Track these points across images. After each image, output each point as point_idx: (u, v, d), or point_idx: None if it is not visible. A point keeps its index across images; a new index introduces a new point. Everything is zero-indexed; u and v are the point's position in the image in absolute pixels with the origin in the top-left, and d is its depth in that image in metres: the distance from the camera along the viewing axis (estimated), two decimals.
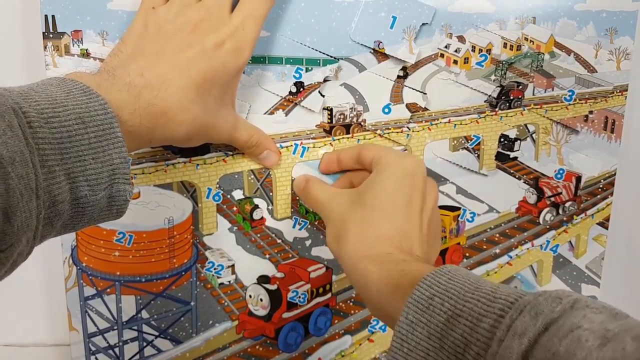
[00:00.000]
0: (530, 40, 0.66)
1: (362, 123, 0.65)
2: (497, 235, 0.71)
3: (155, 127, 0.49)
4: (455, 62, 0.65)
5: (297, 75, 0.63)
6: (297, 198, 0.66)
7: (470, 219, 0.70)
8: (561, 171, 0.70)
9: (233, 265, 0.66)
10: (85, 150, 0.42)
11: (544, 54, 0.67)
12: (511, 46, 0.66)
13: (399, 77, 0.65)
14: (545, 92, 0.68)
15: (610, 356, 0.32)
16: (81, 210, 0.44)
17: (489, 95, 0.67)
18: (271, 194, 0.66)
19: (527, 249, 0.72)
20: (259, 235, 0.66)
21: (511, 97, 0.68)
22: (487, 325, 0.39)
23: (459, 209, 0.70)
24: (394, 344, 0.42)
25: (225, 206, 0.65)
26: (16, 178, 0.37)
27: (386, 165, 0.56)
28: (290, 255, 0.67)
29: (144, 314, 0.65)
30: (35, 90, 0.43)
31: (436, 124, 0.67)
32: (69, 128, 0.42)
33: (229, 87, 0.56)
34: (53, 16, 0.58)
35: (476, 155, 0.69)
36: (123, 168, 0.45)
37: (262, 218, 0.66)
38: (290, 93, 0.63)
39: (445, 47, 0.65)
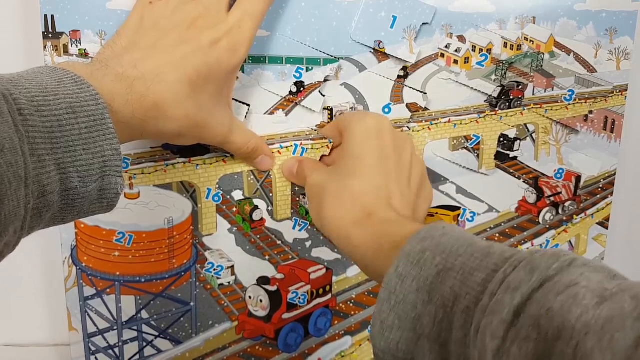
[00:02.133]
0: (530, 40, 0.66)
1: None
2: (497, 234, 0.71)
3: (147, 119, 0.49)
4: (456, 62, 0.65)
5: (298, 75, 0.63)
6: (297, 199, 0.65)
7: (470, 219, 0.70)
8: (561, 171, 0.70)
9: (233, 266, 0.66)
10: (76, 140, 0.42)
11: (543, 53, 0.67)
12: (511, 46, 0.66)
13: (399, 77, 0.65)
14: (545, 91, 0.68)
15: (607, 314, 0.31)
16: (71, 202, 0.43)
17: (489, 95, 0.67)
18: (271, 195, 0.65)
19: (527, 248, 0.72)
20: (258, 236, 0.66)
21: (511, 97, 0.68)
22: (479, 279, 0.38)
23: (458, 208, 0.70)
24: (381, 295, 0.42)
25: (225, 207, 0.65)
26: (5, 165, 0.37)
27: (351, 129, 0.57)
28: (290, 257, 0.67)
29: (144, 314, 0.65)
30: (26, 77, 0.42)
31: (436, 123, 0.67)
32: (60, 117, 0.41)
33: (224, 86, 0.56)
34: (52, 16, 0.58)
35: (476, 154, 0.69)
36: (115, 160, 0.44)
37: (262, 219, 0.66)
38: (291, 93, 0.63)
39: (446, 46, 0.65)
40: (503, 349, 0.34)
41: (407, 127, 0.66)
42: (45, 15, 0.58)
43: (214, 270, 0.65)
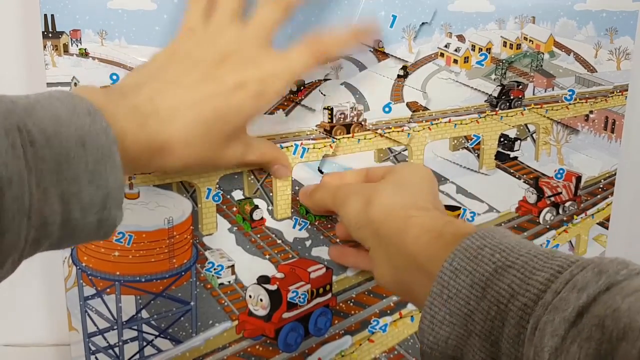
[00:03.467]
0: (530, 40, 0.66)
1: (362, 122, 0.65)
2: None
3: (153, 157, 0.48)
4: (455, 61, 0.65)
5: None
6: (298, 199, 0.65)
7: (471, 219, 0.70)
8: (561, 171, 0.70)
9: (233, 266, 0.66)
10: (82, 172, 0.41)
11: (543, 53, 0.67)
12: (511, 45, 0.66)
13: (399, 76, 0.65)
14: (545, 91, 0.68)
15: None
16: (70, 232, 0.42)
17: (490, 95, 0.67)
18: (271, 194, 0.65)
19: None
20: (259, 235, 0.66)
21: (511, 97, 0.68)
22: (542, 279, 0.37)
23: (459, 208, 0.70)
24: (433, 289, 0.41)
25: (225, 206, 0.65)
26: (10, 199, 0.36)
27: (406, 167, 0.58)
28: (290, 256, 0.67)
29: (144, 314, 0.65)
30: (42, 104, 0.42)
31: (436, 123, 0.67)
32: (69, 149, 0.40)
33: (242, 127, 0.55)
34: (52, 15, 0.58)
35: (476, 154, 0.69)
36: (118, 194, 0.44)
37: (262, 218, 0.66)
38: (291, 92, 0.63)
39: (445, 46, 0.65)
40: (562, 348, 0.33)
41: (408, 127, 0.66)
42: (45, 15, 0.58)
43: (214, 269, 0.65)
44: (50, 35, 0.58)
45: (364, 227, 0.53)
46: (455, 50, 0.65)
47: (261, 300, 0.66)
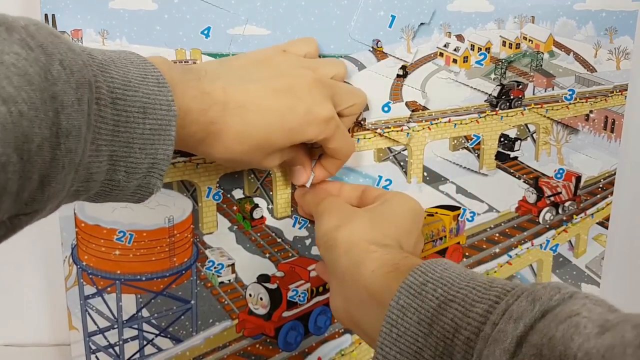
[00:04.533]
0: (529, 40, 0.66)
1: (362, 122, 0.65)
2: (497, 234, 0.71)
3: (203, 142, 0.49)
4: (455, 61, 0.66)
5: None
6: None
7: (470, 219, 0.70)
8: (561, 171, 0.71)
9: (233, 264, 0.66)
10: (137, 138, 0.42)
11: (543, 53, 0.67)
12: (510, 44, 0.66)
13: (398, 75, 0.65)
14: (545, 91, 0.68)
15: (608, 343, 0.31)
16: (109, 190, 0.43)
17: (489, 95, 0.67)
18: (271, 193, 0.66)
19: (527, 248, 0.72)
20: (259, 234, 0.67)
21: (511, 97, 0.68)
22: (481, 310, 0.38)
23: (458, 208, 0.70)
24: (383, 329, 0.42)
25: (225, 205, 0.65)
26: (65, 150, 0.37)
27: (396, 198, 0.58)
28: (290, 254, 0.67)
29: (144, 313, 0.65)
30: (116, 64, 0.42)
31: (436, 123, 0.67)
32: (130, 114, 0.41)
33: (286, 147, 0.55)
34: (53, 15, 0.58)
35: (476, 154, 0.69)
36: (163, 164, 0.45)
37: (262, 217, 0.66)
38: None
39: (445, 46, 0.65)
40: None
41: (407, 127, 0.66)
42: (46, 15, 0.58)
43: (215, 268, 0.66)
44: None
45: (329, 250, 0.53)
46: (455, 49, 0.65)
47: (261, 299, 0.66)
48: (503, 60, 0.67)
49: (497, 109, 0.68)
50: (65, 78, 0.36)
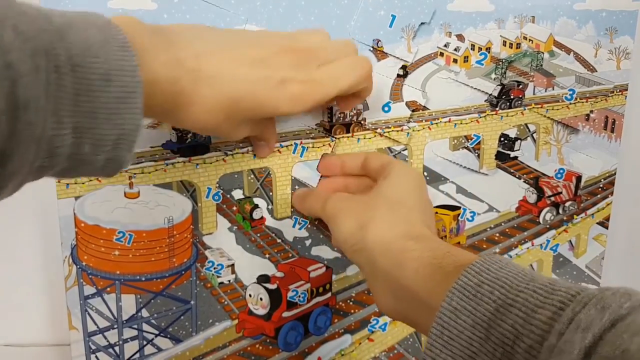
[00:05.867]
0: (530, 40, 0.66)
1: (362, 122, 0.65)
2: (497, 234, 0.71)
3: (173, 111, 0.47)
4: (455, 60, 0.65)
5: None
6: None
7: (471, 218, 0.70)
8: (561, 171, 0.71)
9: (233, 265, 0.66)
10: (101, 108, 0.40)
11: (543, 53, 0.67)
12: (510, 44, 0.66)
13: (398, 75, 0.65)
14: (545, 91, 0.68)
15: None
16: (75, 165, 0.41)
17: (490, 95, 0.67)
18: (271, 193, 0.66)
19: (527, 248, 0.72)
20: (258, 234, 0.66)
21: (512, 97, 0.68)
22: (544, 317, 0.36)
23: (459, 208, 0.70)
24: (433, 330, 0.40)
25: (225, 206, 0.65)
26: (24, 123, 0.35)
27: (399, 170, 0.56)
28: (290, 255, 0.67)
29: (144, 313, 0.65)
30: (76, 27, 0.39)
31: (436, 123, 0.67)
32: (92, 82, 0.39)
33: (262, 119, 0.54)
34: None
35: (476, 154, 0.69)
36: (132, 135, 0.42)
37: (262, 217, 0.66)
38: None
39: (445, 45, 0.65)
40: None
41: (407, 127, 0.66)
42: None
43: (214, 268, 0.66)
44: None
45: (359, 252, 0.52)
46: (455, 49, 0.65)
47: (261, 299, 0.66)
48: (503, 60, 0.66)
49: (497, 108, 0.67)
50: (19, 45, 0.34)
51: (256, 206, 0.66)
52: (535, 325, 0.36)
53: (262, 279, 0.66)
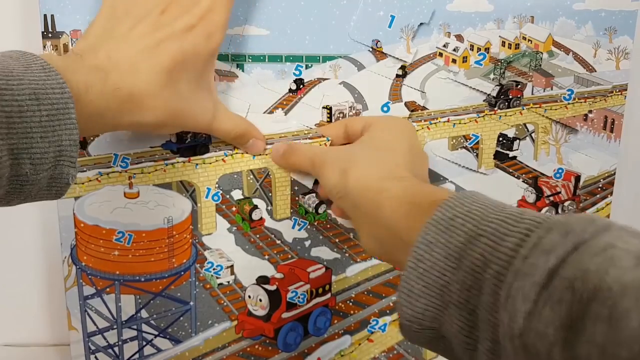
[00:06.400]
0: (529, 40, 0.66)
1: None
2: None
3: (122, 111, 0.48)
4: (454, 61, 0.65)
5: (297, 73, 0.63)
6: (297, 199, 0.66)
7: None
8: (560, 170, 0.71)
9: (232, 266, 0.66)
10: (35, 127, 0.41)
11: (542, 53, 0.67)
12: (509, 45, 0.66)
13: (397, 76, 0.65)
14: (544, 91, 0.68)
15: None
16: (19, 187, 0.42)
17: (488, 95, 0.67)
18: (270, 194, 0.66)
19: None
20: (258, 235, 0.66)
21: (510, 97, 0.68)
22: (511, 244, 0.37)
23: None
24: (409, 264, 0.41)
25: (224, 206, 0.65)
26: None
27: (381, 122, 0.58)
28: (290, 256, 0.67)
29: (144, 314, 0.65)
30: None
31: (435, 123, 0.67)
32: (21, 103, 0.40)
33: (203, 73, 0.55)
34: (52, 15, 0.58)
35: (475, 154, 0.69)
36: (71, 151, 0.43)
37: (261, 218, 0.66)
38: (290, 91, 0.63)
39: (444, 46, 0.65)
40: (535, 312, 0.33)
41: None
42: (45, 15, 0.58)
43: (214, 269, 0.66)
44: (50, 35, 0.58)
45: (344, 199, 0.54)
46: (454, 49, 0.65)
47: (260, 300, 0.66)
48: (502, 61, 0.66)
49: (495, 108, 0.68)
50: None
51: (255, 207, 0.66)
52: (502, 252, 0.37)
53: (262, 280, 0.66)
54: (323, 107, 0.64)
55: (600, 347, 0.30)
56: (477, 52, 0.65)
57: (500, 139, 0.69)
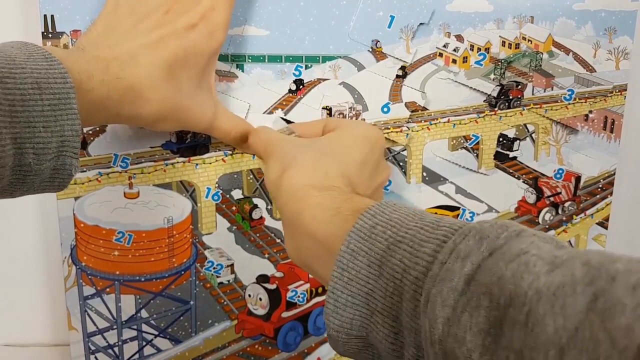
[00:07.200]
0: (529, 40, 0.66)
1: None
2: None
3: (122, 101, 0.48)
4: (454, 61, 0.65)
5: (297, 73, 0.63)
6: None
7: (470, 219, 0.70)
8: (560, 171, 0.71)
9: (232, 265, 0.66)
10: (37, 117, 0.41)
11: (542, 53, 0.67)
12: (509, 45, 0.66)
13: (397, 76, 0.65)
14: (544, 91, 0.68)
15: (559, 281, 0.31)
16: (22, 177, 0.42)
17: (489, 95, 0.67)
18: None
19: None
20: (258, 234, 0.66)
21: (510, 97, 0.68)
22: (429, 250, 0.38)
23: (458, 208, 0.70)
24: (334, 273, 0.41)
25: (224, 206, 0.65)
26: None
27: (348, 126, 0.56)
28: None
29: (144, 314, 0.65)
30: None
31: (435, 123, 0.67)
32: (24, 92, 0.40)
33: (204, 72, 0.55)
34: (52, 16, 0.58)
35: (475, 154, 0.69)
36: (73, 141, 0.43)
37: (261, 217, 0.66)
38: (290, 91, 0.63)
39: (444, 46, 0.65)
40: (454, 317, 0.34)
41: (407, 127, 0.66)
42: (45, 15, 0.58)
43: (214, 268, 0.66)
44: (50, 35, 0.59)
45: (276, 198, 0.52)
46: (454, 50, 0.65)
47: (260, 299, 0.66)
48: (502, 61, 0.66)
49: (496, 109, 0.68)
50: None
51: (255, 206, 0.66)
52: (420, 258, 0.38)
53: (262, 279, 0.66)
54: (323, 108, 0.64)
55: (517, 352, 0.31)
56: (477, 52, 0.65)
57: (501, 139, 0.69)
